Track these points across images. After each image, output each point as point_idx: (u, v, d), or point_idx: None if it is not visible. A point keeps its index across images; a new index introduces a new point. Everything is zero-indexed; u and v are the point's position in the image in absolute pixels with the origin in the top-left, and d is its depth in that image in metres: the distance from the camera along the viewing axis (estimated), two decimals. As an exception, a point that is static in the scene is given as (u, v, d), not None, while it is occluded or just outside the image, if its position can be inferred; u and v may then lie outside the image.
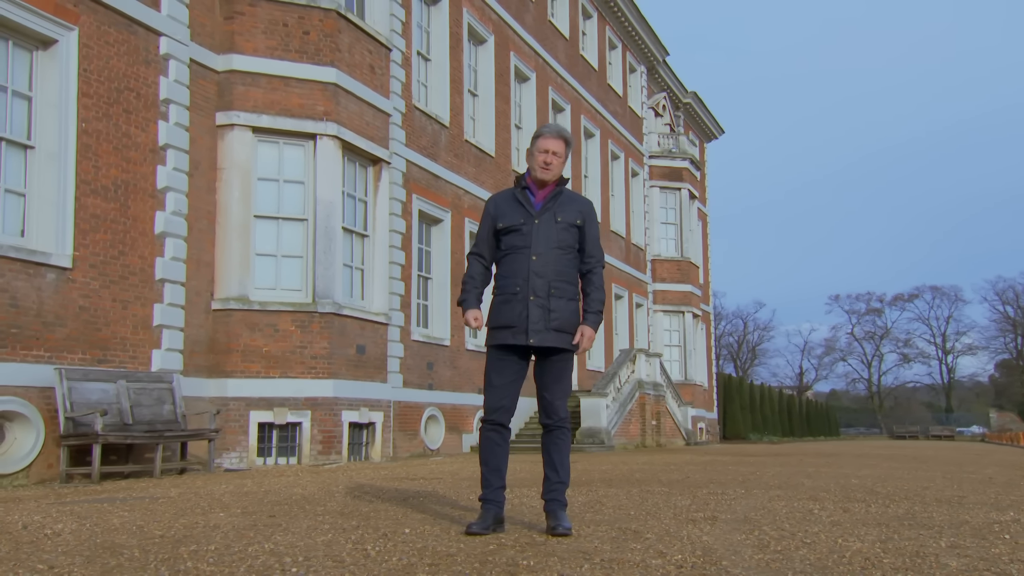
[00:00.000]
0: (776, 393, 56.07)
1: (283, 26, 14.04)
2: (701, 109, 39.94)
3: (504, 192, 4.85)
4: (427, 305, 18.79)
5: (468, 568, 3.29)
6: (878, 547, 4.04)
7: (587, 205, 4.86)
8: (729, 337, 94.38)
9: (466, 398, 19.55)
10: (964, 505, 6.27)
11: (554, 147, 4.68)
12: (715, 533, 4.44)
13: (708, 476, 9.23)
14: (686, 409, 27.75)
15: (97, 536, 4.13)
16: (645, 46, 33.17)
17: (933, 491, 7.49)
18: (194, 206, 12.98)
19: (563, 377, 4.65)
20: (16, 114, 10.79)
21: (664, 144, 34.48)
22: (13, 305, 10.14)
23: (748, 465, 11.85)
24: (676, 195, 34.43)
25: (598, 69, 29.18)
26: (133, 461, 11.12)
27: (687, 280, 34.31)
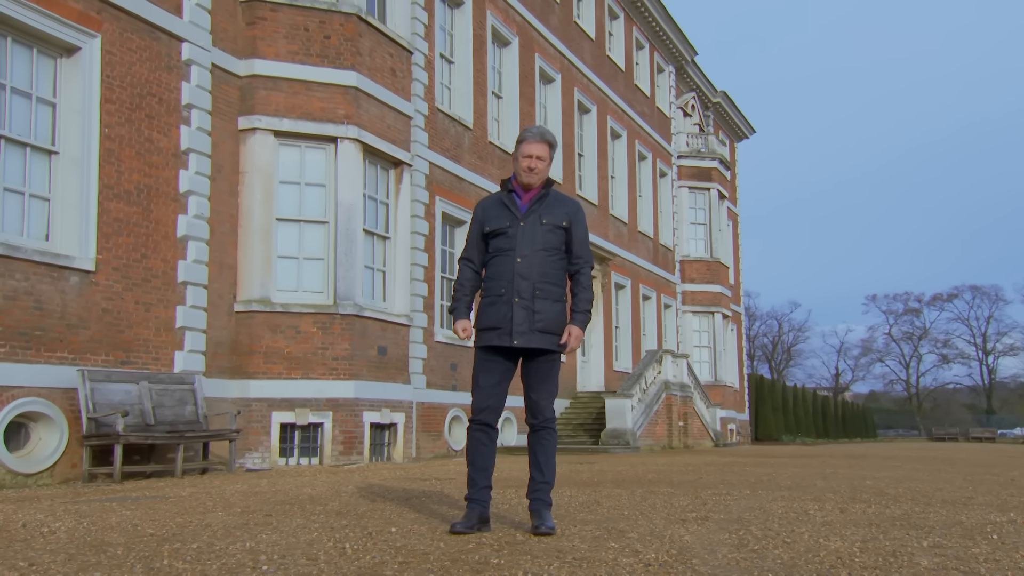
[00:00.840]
0: (810, 394, 55.53)
1: (304, 30, 14.17)
2: (731, 108, 39.69)
3: (492, 196, 4.90)
4: (451, 306, 18.84)
5: (437, 566, 3.33)
6: (857, 547, 4.02)
7: (574, 207, 4.89)
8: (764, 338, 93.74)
9: (490, 399, 19.57)
10: (969, 506, 6.20)
11: (538, 151, 4.72)
12: (700, 533, 4.44)
13: (721, 477, 9.20)
14: (715, 410, 27.59)
15: (89, 534, 4.22)
16: (673, 46, 33.03)
17: (944, 493, 7.41)
18: (217, 209, 13.14)
19: (549, 378, 4.68)
20: (40, 120, 11.00)
21: (693, 144, 34.31)
22: (37, 308, 10.34)
23: (767, 467, 11.78)
24: (705, 195, 34.24)
25: (625, 70, 29.11)
26: (155, 461, 11.28)
27: (717, 280, 34.11)
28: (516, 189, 4.80)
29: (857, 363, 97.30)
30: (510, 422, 20.35)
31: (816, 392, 61.22)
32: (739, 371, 39.76)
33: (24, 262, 10.23)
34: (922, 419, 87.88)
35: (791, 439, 43.89)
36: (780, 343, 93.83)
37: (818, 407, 55.63)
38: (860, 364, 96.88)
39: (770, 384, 45.88)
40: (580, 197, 25.15)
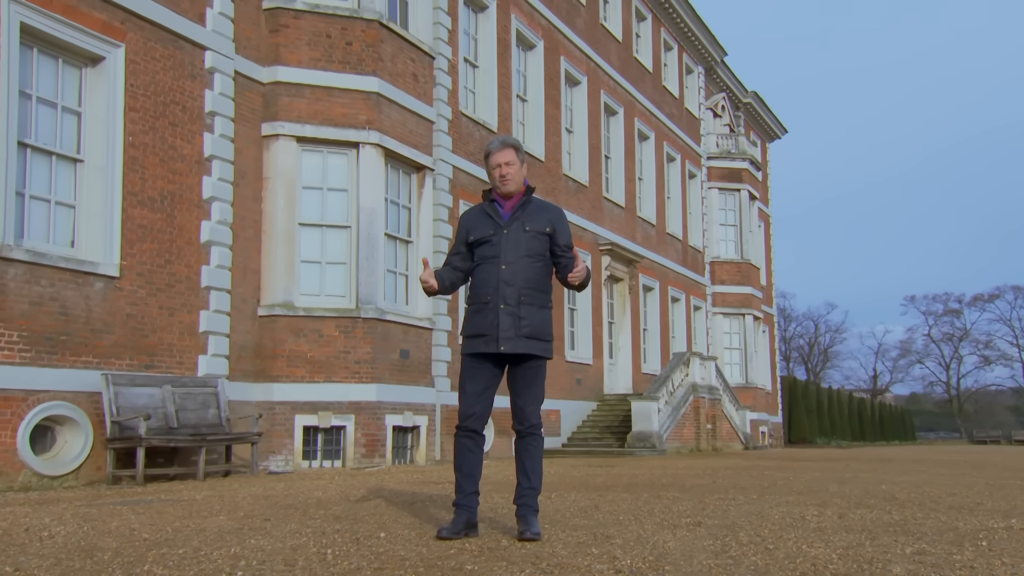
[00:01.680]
0: (845, 396, 54.90)
1: (326, 37, 14.31)
2: (762, 109, 39.40)
3: (475, 207, 4.95)
4: (476, 310, 18.89)
5: (411, 572, 3.37)
6: (837, 554, 4.00)
7: (556, 213, 4.92)
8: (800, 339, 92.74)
9: (516, 402, 19.60)
10: (974, 512, 6.13)
11: (505, 159, 4.78)
12: (686, 539, 4.44)
13: (735, 482, 9.16)
14: (744, 413, 27.39)
15: (85, 539, 4.32)
16: (702, 47, 32.87)
17: (956, 498, 7.33)
18: (240, 215, 13.31)
19: (535, 384, 4.70)
20: (66, 129, 11.21)
21: (723, 145, 34.11)
22: (63, 313, 10.54)
23: (787, 471, 11.70)
24: (735, 196, 34.02)
25: (652, 71, 29.02)
26: (178, 463, 11.45)
27: (747, 282, 33.88)
28: (497, 199, 4.85)
29: (895, 365, 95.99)
30: (536, 425, 20.34)
31: (852, 394, 60.49)
32: (771, 373, 39.45)
33: (50, 268, 10.43)
34: (963, 422, 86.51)
35: (825, 442, 43.43)
36: (816, 345, 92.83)
37: (854, 409, 54.99)
38: (899, 366, 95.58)
39: (803, 386, 45.42)
40: (607, 200, 25.14)
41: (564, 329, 22.15)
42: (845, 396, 54.81)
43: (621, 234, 25.80)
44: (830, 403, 49.01)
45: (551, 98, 22.24)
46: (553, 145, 22.23)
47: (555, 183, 22.16)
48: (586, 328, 23.36)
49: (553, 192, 21.99)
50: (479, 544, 4.17)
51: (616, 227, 25.53)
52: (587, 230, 23.63)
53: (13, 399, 9.94)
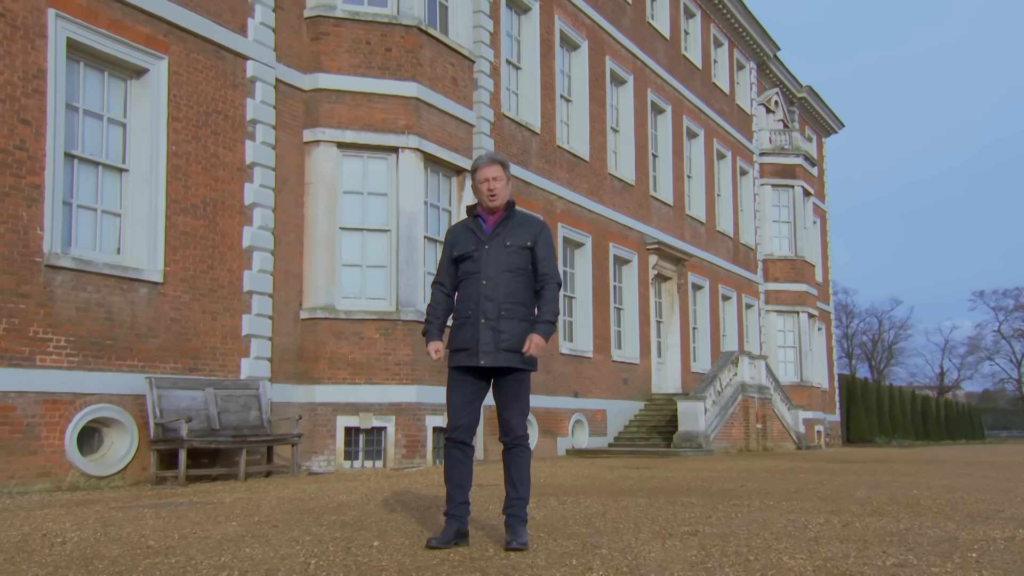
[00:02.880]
0: (908, 395, 53.74)
1: (366, 44, 14.51)
2: (817, 103, 38.78)
3: (460, 223, 5.02)
4: (519, 310, 18.97)
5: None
6: (814, 566, 3.98)
7: (538, 226, 4.96)
8: (863, 336, 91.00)
9: (560, 402, 19.68)
10: (989, 520, 6.03)
11: (493, 174, 4.83)
12: (671, 549, 4.46)
13: (762, 486, 9.10)
14: (797, 412, 27.04)
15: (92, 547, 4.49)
16: (754, 42, 32.49)
17: (981, 505, 7.19)
18: (282, 220, 13.58)
19: (519, 396, 4.76)
20: (112, 140, 11.57)
21: (776, 141, 33.66)
22: (108, 318, 10.88)
23: (824, 473, 11.57)
24: (789, 193, 33.56)
25: (702, 68, 28.78)
26: (221, 464, 11.74)
27: (802, 279, 33.40)
28: (481, 214, 4.92)
29: (963, 362, 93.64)
30: (581, 424, 20.40)
31: (915, 392, 59.17)
32: (828, 371, 38.85)
33: (95, 275, 10.78)
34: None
35: (886, 441, 42.62)
36: (880, 342, 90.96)
37: (917, 408, 53.80)
38: (967, 363, 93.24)
39: (863, 384, 44.62)
40: (654, 198, 25.03)
41: (610, 329, 22.13)
42: (908, 394, 53.65)
43: (669, 233, 25.66)
44: (891, 401, 48.05)
45: (596, 98, 22.20)
46: (598, 145, 22.20)
47: (600, 183, 22.13)
48: (633, 327, 23.29)
49: (598, 192, 21.98)
50: (464, 554, 4.25)
51: (664, 226, 25.39)
52: (633, 229, 23.55)
53: (61, 402, 10.30)
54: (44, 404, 10.13)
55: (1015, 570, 4.10)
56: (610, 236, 22.38)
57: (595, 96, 22.16)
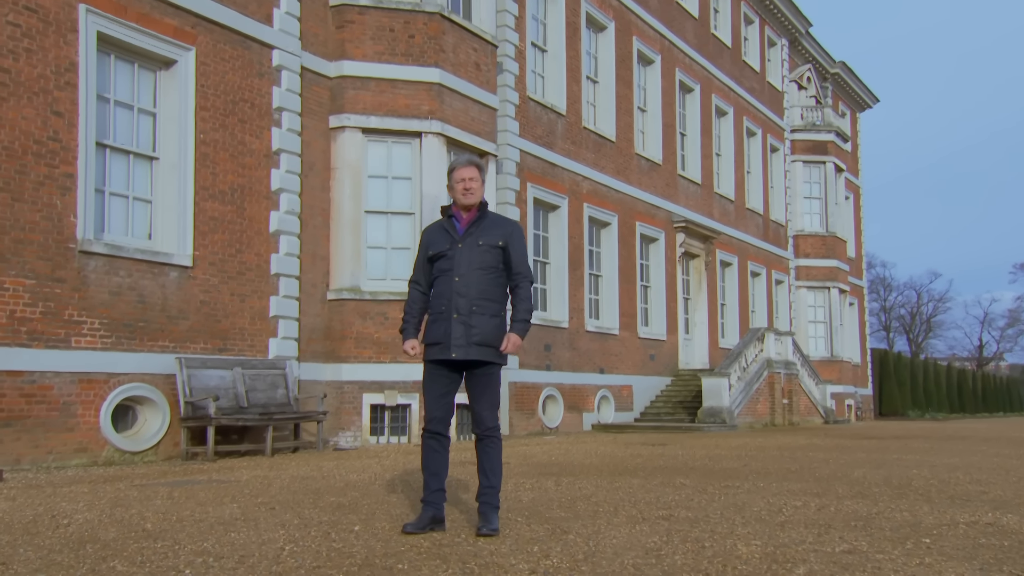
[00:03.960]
0: (943, 368, 52.97)
1: (390, 31, 14.59)
2: (851, 78, 38.10)
3: (435, 223, 5.12)
4: (545, 289, 19.08)
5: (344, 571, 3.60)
6: (763, 552, 4.03)
7: (510, 226, 5.04)
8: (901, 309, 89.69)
9: (586, 378, 19.77)
10: (967, 503, 6.04)
11: (469, 175, 4.93)
12: (635, 535, 4.55)
13: (764, 465, 9.13)
14: (825, 387, 26.85)
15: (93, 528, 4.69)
16: (785, 19, 31.99)
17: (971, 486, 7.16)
18: (309, 204, 13.77)
19: (489, 389, 4.86)
20: (142, 129, 11.81)
21: (808, 117, 33.19)
22: (140, 301, 11.17)
23: (834, 451, 11.54)
24: (820, 169, 33.13)
25: (732, 46, 28.43)
26: (249, 441, 12.03)
27: (833, 255, 33.04)
28: (456, 214, 5.01)
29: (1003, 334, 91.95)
30: (607, 400, 20.48)
31: (951, 365, 58.30)
32: (860, 345, 38.46)
33: (127, 260, 11.06)
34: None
35: (919, 415, 42.14)
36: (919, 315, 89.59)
37: (953, 381, 53.03)
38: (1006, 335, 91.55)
39: (895, 358, 44.07)
40: (682, 177, 24.89)
41: (637, 306, 22.13)
42: (943, 368, 52.86)
43: (697, 211, 25.52)
44: (925, 375, 47.43)
45: (622, 78, 22.07)
46: (624, 125, 22.10)
47: (626, 163, 22.05)
48: (659, 304, 23.27)
49: (625, 172, 21.91)
50: (436, 540, 4.38)
51: (692, 204, 25.25)
52: (660, 208, 23.47)
53: (96, 381, 10.62)
54: (80, 383, 10.45)
55: (959, 555, 4.14)
56: (637, 215, 22.33)
57: (622, 77, 22.04)
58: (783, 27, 32.39)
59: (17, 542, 4.33)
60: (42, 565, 3.72)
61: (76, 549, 4.09)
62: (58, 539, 4.41)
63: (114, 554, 3.95)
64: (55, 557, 3.88)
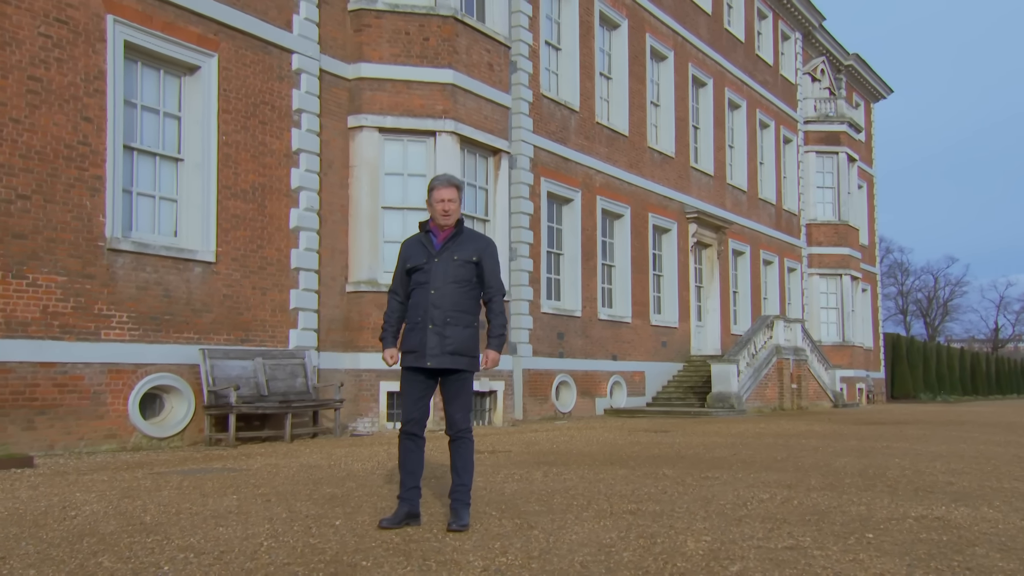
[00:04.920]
0: (956, 351, 52.41)
1: (405, 34, 14.69)
2: (865, 70, 37.62)
3: (413, 237, 5.22)
4: (558, 279, 19.17)
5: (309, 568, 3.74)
6: (711, 548, 4.11)
7: (484, 243, 5.14)
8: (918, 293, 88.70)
9: (599, 364, 19.86)
10: (928, 494, 6.07)
11: (448, 195, 5.02)
12: (596, 530, 4.63)
13: (752, 455, 9.18)
14: (834, 372, 26.74)
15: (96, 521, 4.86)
16: (799, 13, 31.64)
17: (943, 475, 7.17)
18: (328, 201, 13.94)
19: (461, 394, 4.99)
20: (168, 132, 12.01)
21: (821, 109, 32.88)
22: (166, 296, 11.40)
23: (828, 439, 11.55)
24: (833, 159, 32.83)
25: (745, 41, 28.20)
26: (270, 427, 12.26)
27: (845, 243, 32.78)
28: (433, 230, 5.12)
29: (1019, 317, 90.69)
30: (620, 386, 20.56)
31: (964, 349, 57.64)
32: (873, 330, 38.16)
33: (154, 257, 11.29)
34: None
35: (930, 397, 41.78)
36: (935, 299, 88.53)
37: (966, 364, 52.48)
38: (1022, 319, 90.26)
39: (908, 342, 43.67)
40: (695, 169, 24.80)
41: (649, 294, 22.15)
42: (956, 351, 52.31)
43: (709, 201, 25.43)
44: (938, 358, 46.96)
45: (635, 74, 22.02)
46: (637, 120, 22.06)
47: (639, 156, 22.02)
48: (672, 293, 23.27)
49: (637, 165, 21.89)
50: (407, 535, 4.51)
51: (704, 195, 25.17)
52: (673, 199, 23.42)
53: (124, 371, 10.88)
54: (109, 374, 10.71)
55: (895, 551, 4.20)
56: (649, 207, 22.31)
57: (635, 72, 21.98)
58: (797, 21, 32.05)
59: (23, 535, 4.52)
60: (37, 560, 3.90)
61: (73, 543, 4.27)
62: (61, 532, 4.60)
63: (106, 549, 4.12)
64: (52, 552, 4.06)
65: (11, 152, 9.95)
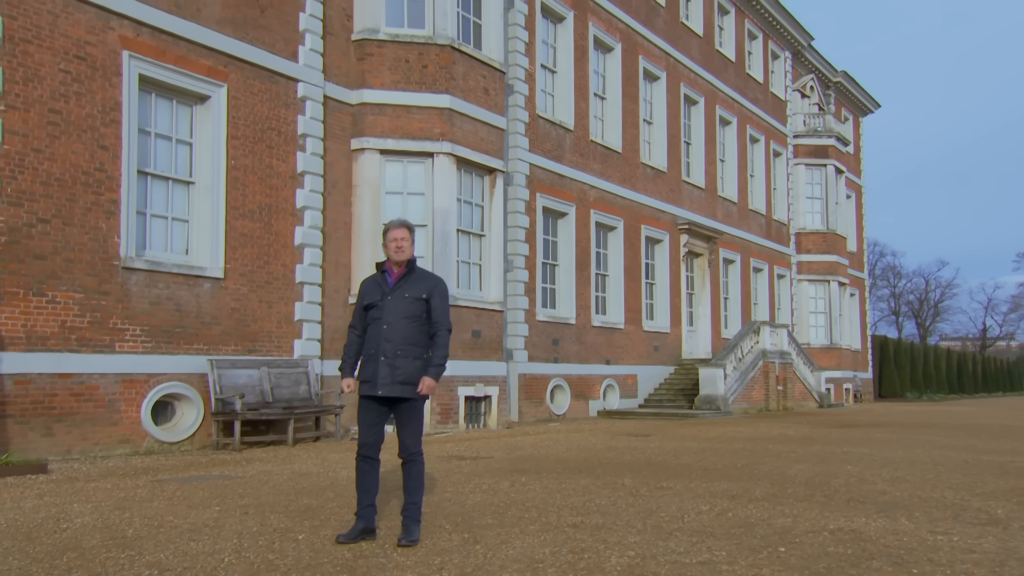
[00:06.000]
0: (943, 351, 52.12)
1: (405, 62, 14.87)
2: (853, 87, 37.53)
3: (371, 277, 5.39)
4: (554, 288, 19.29)
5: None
6: (630, 563, 4.22)
7: (434, 281, 5.30)
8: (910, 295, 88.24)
9: (593, 368, 19.97)
10: (858, 506, 6.13)
11: (401, 235, 5.20)
12: (532, 545, 4.71)
13: (714, 461, 9.27)
14: (820, 374, 26.72)
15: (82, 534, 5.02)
16: (788, 34, 31.63)
17: (880, 485, 7.22)
18: (332, 219, 14.14)
19: (412, 420, 5.15)
20: (180, 157, 12.24)
21: (811, 124, 32.87)
22: (177, 310, 11.63)
23: (795, 443, 11.62)
24: (822, 171, 32.81)
25: (736, 61, 28.23)
26: (274, 432, 12.45)
27: (833, 251, 32.75)
28: (388, 269, 5.29)
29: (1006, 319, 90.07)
30: (613, 388, 20.67)
31: (951, 349, 57.31)
32: (861, 333, 38.07)
33: (166, 274, 11.51)
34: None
35: (916, 396, 41.60)
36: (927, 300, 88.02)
37: (953, 364, 52.16)
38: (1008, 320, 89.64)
39: (895, 344, 43.48)
40: (686, 183, 24.87)
41: (642, 302, 22.25)
42: (943, 351, 52.02)
43: (701, 213, 25.49)
44: (925, 359, 46.72)
45: (629, 94, 22.12)
46: (631, 137, 22.16)
47: (632, 171, 22.12)
48: (664, 300, 23.35)
49: (631, 180, 21.99)
50: (360, 550, 4.65)
51: (696, 207, 25.23)
52: (665, 212, 23.51)
53: (137, 381, 11.11)
54: (123, 383, 10.94)
55: (798, 564, 4.31)
56: (642, 219, 22.41)
57: (628, 93, 22.08)
58: (786, 41, 32.04)
59: (13, 549, 4.70)
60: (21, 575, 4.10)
61: (55, 558, 4.45)
62: (48, 546, 4.78)
63: (82, 564, 4.29)
64: (32, 568, 4.24)
65: (33, 179, 10.20)
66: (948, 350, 54.43)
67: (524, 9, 18.09)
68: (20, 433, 9.85)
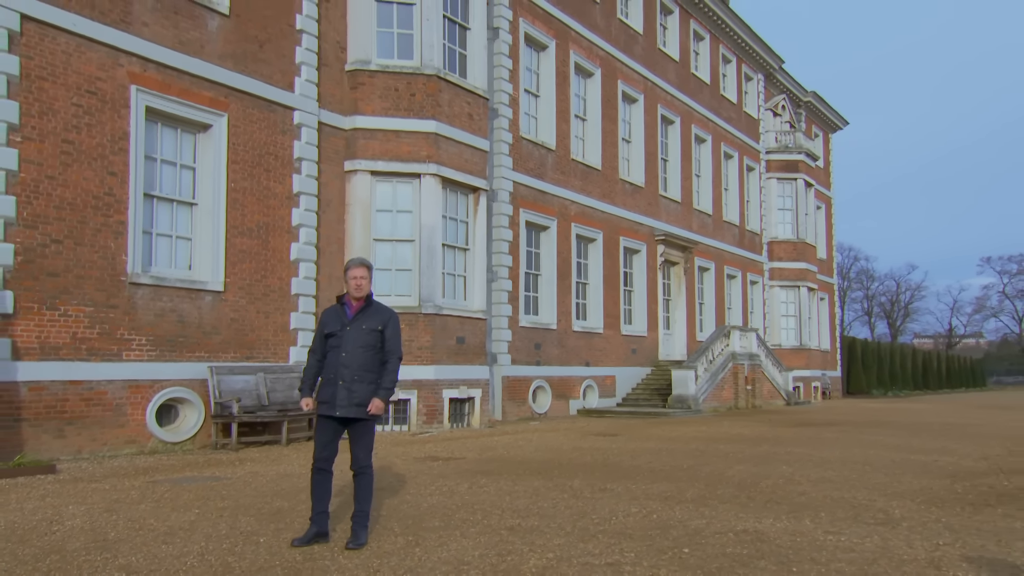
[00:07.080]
0: (909, 351, 52.27)
1: (395, 91, 15.11)
2: (822, 105, 37.73)
3: (332, 307, 5.62)
4: (536, 296, 19.52)
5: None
6: (547, 563, 4.43)
7: (388, 315, 5.54)
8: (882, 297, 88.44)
9: (574, 371, 20.19)
10: (773, 507, 6.29)
11: (360, 274, 5.44)
12: (464, 549, 4.92)
13: (666, 462, 9.47)
14: (787, 374, 26.92)
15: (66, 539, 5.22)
16: (760, 57, 31.82)
17: (804, 486, 7.36)
18: (327, 235, 14.39)
19: (364, 437, 5.39)
20: (184, 181, 12.48)
21: (782, 140, 33.07)
22: (180, 321, 11.87)
23: (747, 443, 11.82)
24: (793, 184, 33.02)
25: (711, 83, 28.44)
26: (269, 433, 12.69)
27: (803, 258, 32.96)
28: (348, 302, 5.53)
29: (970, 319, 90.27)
30: (592, 389, 20.88)
31: (916, 348, 57.46)
32: (831, 334, 38.26)
33: (169, 288, 11.76)
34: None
35: (882, 393, 41.78)
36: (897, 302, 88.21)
37: (919, 362, 52.32)
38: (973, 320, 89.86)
39: (862, 344, 43.65)
40: (663, 197, 25.07)
41: (620, 308, 22.46)
42: (909, 351, 52.17)
43: (677, 225, 25.70)
44: (892, 357, 46.88)
45: (608, 115, 22.34)
46: (610, 155, 22.38)
47: (611, 187, 22.34)
48: (641, 306, 23.56)
49: (610, 195, 22.20)
50: (310, 553, 4.88)
51: (672, 219, 25.44)
52: (643, 224, 23.72)
53: (143, 386, 11.35)
54: (129, 389, 11.19)
55: (695, 565, 4.50)
56: (621, 231, 22.63)
57: (607, 114, 22.30)
58: (758, 64, 32.23)
59: (3, 551, 4.92)
60: None
61: (39, 561, 4.68)
62: (36, 549, 5.01)
63: (62, 567, 4.52)
64: (17, 570, 4.46)
65: (47, 204, 10.44)
66: (914, 349, 54.58)
67: (508, 39, 18.31)
68: (34, 435, 10.09)
